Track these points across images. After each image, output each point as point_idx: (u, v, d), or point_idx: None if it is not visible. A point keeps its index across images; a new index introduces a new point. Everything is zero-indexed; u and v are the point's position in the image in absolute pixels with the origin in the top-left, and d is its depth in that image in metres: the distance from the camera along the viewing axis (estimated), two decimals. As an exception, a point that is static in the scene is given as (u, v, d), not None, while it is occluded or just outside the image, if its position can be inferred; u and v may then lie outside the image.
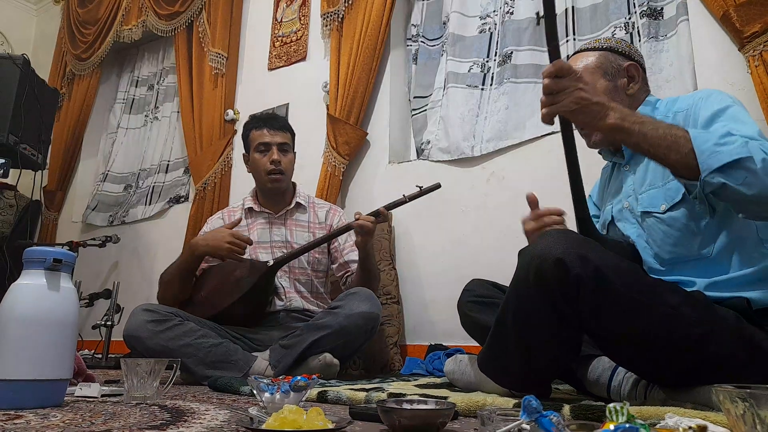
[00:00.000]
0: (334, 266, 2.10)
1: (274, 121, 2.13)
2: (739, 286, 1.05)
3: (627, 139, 1.03)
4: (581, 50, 1.36)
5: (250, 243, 1.93)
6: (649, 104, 1.28)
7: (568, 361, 1.18)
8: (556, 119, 1.07)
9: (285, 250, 2.03)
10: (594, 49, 1.32)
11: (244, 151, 2.16)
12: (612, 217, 1.29)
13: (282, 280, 2.01)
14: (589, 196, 1.45)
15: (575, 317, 1.04)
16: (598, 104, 1.01)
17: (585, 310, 1.02)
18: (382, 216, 1.88)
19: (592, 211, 1.41)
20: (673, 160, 0.99)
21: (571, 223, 1.22)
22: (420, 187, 1.90)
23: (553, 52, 1.04)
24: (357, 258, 2.02)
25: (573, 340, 1.11)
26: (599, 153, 1.37)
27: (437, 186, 1.91)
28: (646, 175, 1.21)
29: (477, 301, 1.42)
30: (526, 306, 1.09)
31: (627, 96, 1.28)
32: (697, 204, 1.04)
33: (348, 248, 2.07)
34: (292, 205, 2.11)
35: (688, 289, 1.06)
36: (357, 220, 1.86)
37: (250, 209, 2.12)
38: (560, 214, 1.27)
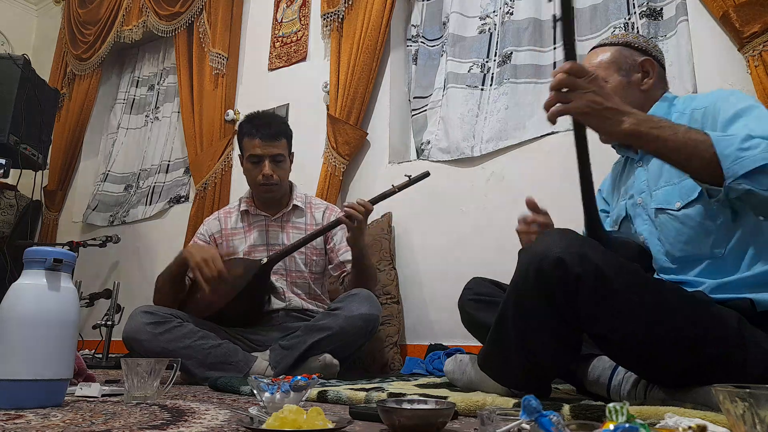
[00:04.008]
0: (331, 266, 2.09)
1: (268, 128, 1.99)
2: (746, 287, 1.04)
3: (644, 145, 1.01)
4: (598, 45, 1.34)
5: (222, 276, 1.77)
6: (666, 100, 1.26)
7: (568, 360, 1.18)
8: (561, 118, 1.05)
9: (283, 253, 2.02)
10: (611, 44, 1.30)
11: (239, 153, 2.13)
12: (626, 212, 1.28)
13: (279, 283, 2.00)
14: (599, 190, 1.44)
15: (575, 317, 1.04)
16: (612, 110, 0.98)
17: (585, 310, 1.02)
18: (368, 207, 1.81)
19: (601, 206, 1.40)
20: (696, 165, 0.97)
21: (580, 220, 1.20)
22: (409, 176, 1.88)
23: (570, 52, 1.01)
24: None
25: (573, 339, 1.11)
26: (612, 147, 1.34)
27: (426, 174, 1.89)
28: (662, 171, 1.19)
29: (477, 299, 1.42)
30: (526, 305, 1.08)
31: (641, 92, 1.26)
32: (716, 206, 1.03)
33: (343, 248, 2.04)
34: (289, 208, 2.08)
35: (694, 290, 1.06)
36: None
37: (246, 212, 2.09)
38: (547, 225, 1.30)
